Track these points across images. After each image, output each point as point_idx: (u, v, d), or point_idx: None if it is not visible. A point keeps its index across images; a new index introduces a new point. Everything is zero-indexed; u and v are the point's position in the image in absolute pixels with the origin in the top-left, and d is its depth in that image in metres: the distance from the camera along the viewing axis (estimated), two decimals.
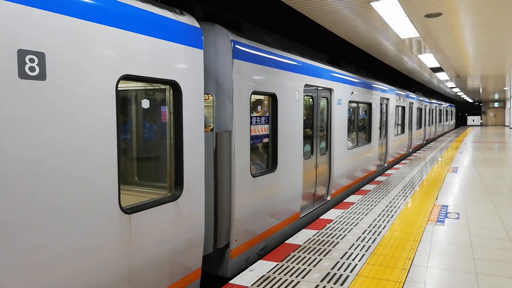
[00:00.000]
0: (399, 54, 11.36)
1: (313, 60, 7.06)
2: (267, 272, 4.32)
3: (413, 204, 7.39)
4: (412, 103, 16.86)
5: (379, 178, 10.35)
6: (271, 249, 5.51)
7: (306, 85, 6.50)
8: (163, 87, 3.82)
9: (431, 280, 4.08)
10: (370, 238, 5.42)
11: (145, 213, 3.38)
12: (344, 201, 7.78)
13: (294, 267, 4.47)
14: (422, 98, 19.85)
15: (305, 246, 5.13)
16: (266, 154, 5.68)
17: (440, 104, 29.15)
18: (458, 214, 6.59)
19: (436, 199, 7.73)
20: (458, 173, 10.94)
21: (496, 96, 40.89)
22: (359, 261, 4.60)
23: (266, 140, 5.58)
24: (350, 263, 4.53)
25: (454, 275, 4.22)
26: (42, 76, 2.52)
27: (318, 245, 5.18)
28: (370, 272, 4.28)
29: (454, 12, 6.74)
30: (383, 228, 5.84)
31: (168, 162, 3.82)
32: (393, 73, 15.55)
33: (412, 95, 17.17)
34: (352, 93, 8.84)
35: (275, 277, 4.20)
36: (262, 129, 5.45)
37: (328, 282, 4.06)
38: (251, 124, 5.01)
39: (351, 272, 4.30)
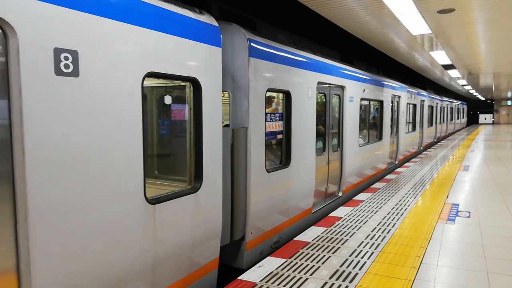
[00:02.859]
0: (411, 51, 11.23)
1: (325, 57, 7.12)
2: (276, 269, 4.33)
3: (424, 202, 7.33)
4: (424, 100, 16.76)
5: (389, 176, 10.28)
6: (284, 243, 5.61)
7: (319, 83, 6.58)
8: (183, 84, 3.95)
9: (441, 279, 4.05)
10: (380, 236, 5.39)
11: (168, 204, 3.53)
12: (354, 198, 7.74)
13: (302, 264, 4.46)
14: (433, 96, 19.74)
15: (314, 243, 5.12)
16: (280, 150, 5.76)
17: (452, 102, 29.02)
18: (469, 212, 6.51)
19: (447, 197, 7.65)
20: (469, 171, 10.81)
21: (509, 94, 40.24)
22: (368, 258, 4.58)
23: (280, 136, 5.68)
24: (359, 261, 4.51)
25: (465, 274, 4.18)
26: (75, 73, 2.70)
27: (327, 242, 5.17)
28: (379, 270, 4.25)
29: (467, 8, 6.64)
30: (392, 226, 5.80)
31: (188, 156, 3.97)
32: (404, 70, 15.39)
33: (423, 92, 17.01)
34: (364, 90, 8.93)
35: (283, 274, 4.20)
36: (276, 125, 5.57)
37: (337, 279, 4.04)
38: (266, 120, 5.14)
39: (360, 269, 4.28)
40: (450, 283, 3.98)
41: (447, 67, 14.97)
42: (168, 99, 4.28)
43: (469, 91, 32.11)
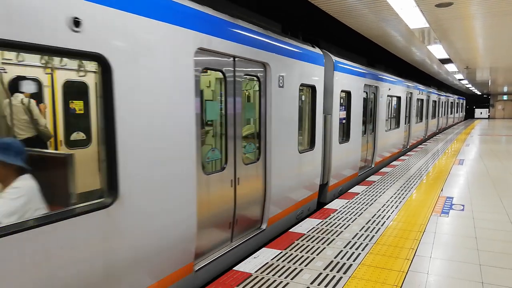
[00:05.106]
0: (408, 45, 11.23)
1: (367, 66, 9.93)
2: (271, 260, 4.36)
3: (418, 195, 7.38)
4: (429, 96, 19.61)
5: (384, 169, 10.34)
6: (343, 192, 7.92)
7: (365, 85, 9.32)
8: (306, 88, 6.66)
9: (434, 270, 4.09)
10: (374, 228, 5.43)
11: (305, 154, 6.45)
12: (349, 191, 7.80)
13: (297, 255, 4.50)
14: (437, 92, 22.39)
15: (309, 235, 5.16)
16: (343, 130, 8.30)
17: (451, 96, 31.12)
18: (463, 206, 6.57)
19: (441, 190, 7.71)
20: (464, 165, 10.88)
21: (505, 89, 40.38)
22: (362, 250, 4.62)
23: (344, 121, 8.25)
24: (353, 252, 4.55)
25: (458, 266, 4.23)
26: (282, 85, 5.54)
27: (322, 234, 5.20)
28: (373, 261, 4.30)
29: (465, 2, 6.63)
30: (387, 219, 5.85)
31: (306, 130, 6.74)
32: (400, 64, 15.39)
33: (429, 89, 19.74)
34: (389, 89, 11.66)
35: (278, 265, 4.23)
36: (343, 114, 8.14)
37: (331, 270, 4.08)
38: (339, 110, 7.85)
39: (354, 261, 4.32)
40: (443, 274, 4.03)
41: (444, 61, 14.99)
42: (302, 97, 6.61)
43: (466, 85, 32.18)
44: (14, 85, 5.20)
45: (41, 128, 5.35)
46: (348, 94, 8.25)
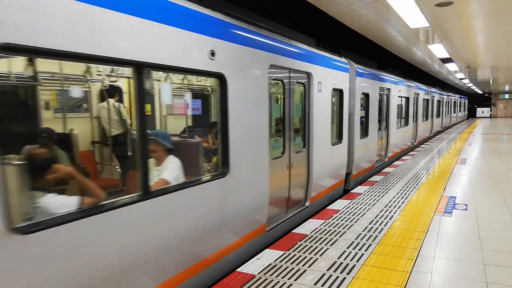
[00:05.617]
0: (408, 45, 11.22)
1: (379, 71, 11.21)
2: (274, 261, 4.35)
3: (421, 195, 7.36)
4: (434, 96, 20.78)
5: (386, 169, 10.32)
6: (364, 181, 8.96)
7: (380, 88, 10.67)
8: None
9: (438, 270, 4.08)
10: (377, 228, 5.42)
11: (336, 146, 7.78)
12: (351, 192, 7.79)
13: (300, 256, 4.49)
14: (441, 92, 23.51)
15: (312, 236, 5.15)
16: (363, 127, 9.42)
17: (454, 96, 32.21)
18: (466, 205, 6.55)
19: (444, 190, 7.69)
20: (466, 164, 10.86)
21: (507, 88, 40.28)
22: (365, 250, 4.61)
23: (363, 119, 9.44)
24: (356, 253, 4.54)
25: (462, 266, 4.22)
26: (320, 90, 6.75)
27: (325, 234, 5.20)
28: (377, 262, 4.29)
29: (465, 1, 6.62)
30: (390, 219, 5.84)
31: (335, 126, 7.85)
32: (401, 63, 15.39)
33: (434, 90, 20.85)
34: (399, 90, 12.86)
35: (281, 266, 4.23)
36: (362, 113, 9.41)
37: (335, 271, 4.08)
38: (360, 110, 9.12)
39: (357, 261, 4.31)
40: (447, 274, 4.02)
41: (445, 60, 14.97)
42: (333, 99, 7.63)
43: (467, 84, 32.12)
44: (109, 92, 6.13)
45: (127, 127, 6.34)
46: (366, 96, 9.54)
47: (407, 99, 14.27)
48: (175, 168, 4.03)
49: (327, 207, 6.61)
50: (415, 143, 16.26)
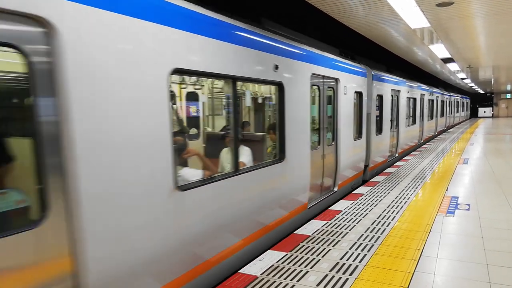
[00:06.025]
0: (409, 45, 11.21)
1: (387, 73, 12.05)
2: (276, 262, 4.35)
3: (423, 195, 7.35)
4: (438, 97, 21.86)
5: (388, 170, 10.31)
6: (378, 173, 9.95)
7: (391, 90, 11.69)
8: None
9: (441, 271, 4.07)
10: (379, 229, 5.41)
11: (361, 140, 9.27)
12: (353, 192, 7.78)
13: (302, 257, 4.49)
14: (444, 93, 24.46)
15: (314, 237, 5.14)
16: (377, 125, 10.57)
17: (457, 96, 32.99)
18: (468, 205, 6.54)
19: (446, 190, 7.68)
20: (469, 164, 10.83)
21: (509, 87, 40.17)
22: (368, 251, 4.60)
23: (377, 118, 10.62)
24: (359, 254, 4.54)
25: (465, 266, 4.20)
26: (345, 92, 8.03)
27: (327, 235, 5.19)
28: (379, 263, 4.28)
29: (466, 1, 6.61)
30: (392, 219, 5.83)
31: (356, 124, 8.77)
32: (403, 63, 15.39)
33: (438, 90, 21.93)
34: (408, 92, 13.94)
35: (284, 267, 4.22)
36: (377, 112, 10.60)
37: (337, 272, 4.07)
38: (376, 110, 10.30)
39: (360, 262, 4.30)
40: (450, 275, 4.01)
41: (446, 60, 14.94)
42: (354, 101, 8.61)
43: (468, 84, 32.06)
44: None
45: (183, 125, 6.96)
46: (380, 97, 10.76)
47: (414, 99, 15.39)
48: (248, 154, 5.07)
49: (329, 208, 6.61)
50: (421, 141, 17.16)
